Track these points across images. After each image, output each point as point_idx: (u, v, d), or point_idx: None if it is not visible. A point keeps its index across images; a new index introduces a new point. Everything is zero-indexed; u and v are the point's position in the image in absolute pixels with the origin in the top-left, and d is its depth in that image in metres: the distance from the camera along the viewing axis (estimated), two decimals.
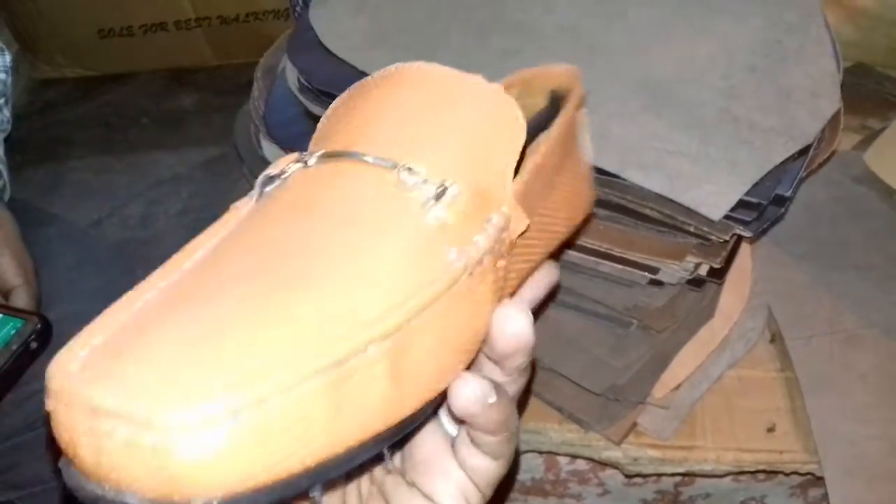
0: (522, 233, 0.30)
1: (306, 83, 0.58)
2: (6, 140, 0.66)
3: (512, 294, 0.32)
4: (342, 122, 0.30)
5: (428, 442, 0.32)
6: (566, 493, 0.64)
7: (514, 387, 0.31)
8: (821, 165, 0.59)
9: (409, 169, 0.27)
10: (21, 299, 0.54)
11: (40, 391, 0.57)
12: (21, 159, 0.71)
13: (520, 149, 0.29)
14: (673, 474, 0.58)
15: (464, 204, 0.27)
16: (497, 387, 0.29)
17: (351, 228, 0.26)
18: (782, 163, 0.46)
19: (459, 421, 0.31)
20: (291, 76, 0.61)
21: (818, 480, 0.58)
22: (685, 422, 0.57)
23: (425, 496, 0.31)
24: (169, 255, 0.27)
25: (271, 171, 0.29)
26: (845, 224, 0.66)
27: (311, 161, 0.28)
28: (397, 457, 0.34)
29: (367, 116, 0.29)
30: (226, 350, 0.22)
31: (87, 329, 0.23)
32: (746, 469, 0.57)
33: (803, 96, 0.49)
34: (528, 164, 0.31)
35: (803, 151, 0.48)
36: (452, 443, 0.32)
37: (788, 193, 0.46)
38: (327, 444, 0.22)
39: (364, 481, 0.33)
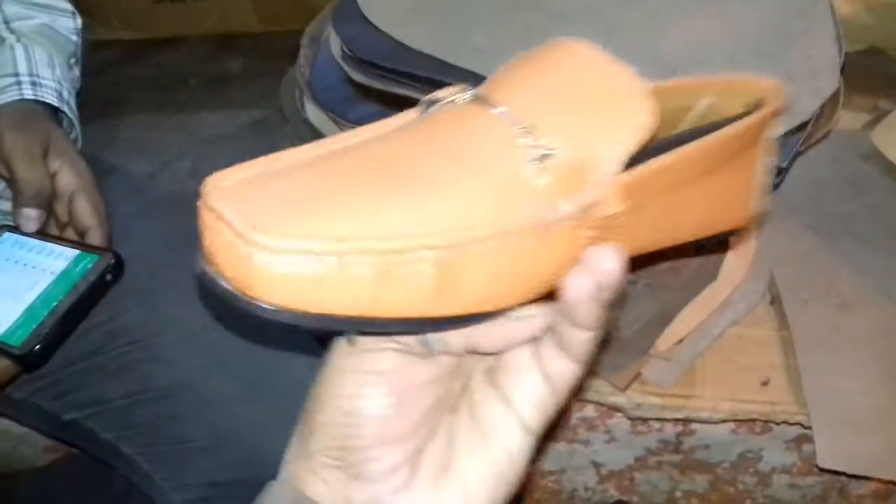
0: (616, 215, 0.33)
1: (349, 52, 0.63)
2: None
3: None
4: (505, 76, 0.35)
5: (517, 352, 0.35)
6: (575, 438, 0.69)
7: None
8: (820, 140, 0.63)
9: (527, 129, 0.31)
10: (95, 238, 0.61)
11: (104, 322, 0.63)
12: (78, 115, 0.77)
13: (635, 145, 0.33)
14: (673, 420, 0.63)
15: (561, 173, 0.31)
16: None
17: (460, 161, 0.31)
18: (781, 136, 0.51)
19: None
20: (335, 45, 0.66)
21: (811, 436, 0.62)
22: (686, 373, 0.62)
23: (503, 397, 0.35)
24: None
25: (434, 96, 0.35)
26: (849, 198, 0.70)
27: (464, 97, 0.34)
28: (489, 358, 0.36)
29: (522, 78, 0.34)
30: (320, 212, 0.29)
31: (248, 163, 0.31)
32: (740, 417, 0.62)
33: (804, 77, 0.53)
34: (656, 162, 0.34)
35: (801, 127, 0.52)
36: (536, 353, 0.35)
37: (785, 164, 0.50)
38: (365, 307, 0.29)
39: (457, 375, 0.36)
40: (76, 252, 0.60)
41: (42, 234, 0.63)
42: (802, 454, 0.66)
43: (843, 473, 0.59)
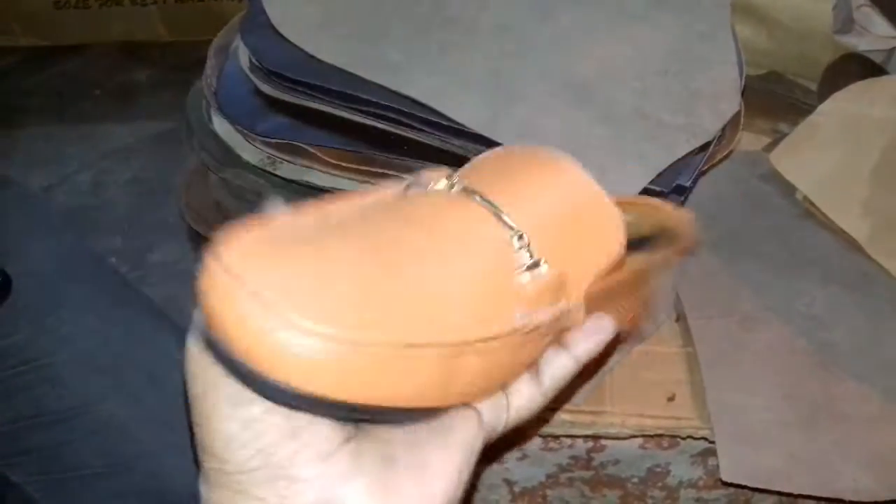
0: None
1: (257, 63, 0.62)
2: None
3: None
4: (492, 171, 0.37)
5: None
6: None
7: None
8: (722, 161, 0.64)
9: (522, 237, 0.34)
10: None
11: None
12: None
13: (609, 266, 0.36)
14: (583, 436, 0.64)
15: (545, 283, 0.34)
16: None
17: (461, 258, 0.32)
18: (685, 157, 0.52)
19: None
20: (243, 56, 0.65)
21: (715, 450, 0.64)
22: (595, 390, 0.62)
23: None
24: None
25: (420, 179, 0.35)
26: (749, 218, 0.72)
27: (456, 188, 0.35)
28: None
29: (513, 182, 0.36)
30: (337, 297, 0.28)
31: (252, 224, 0.29)
32: (647, 433, 0.63)
33: (707, 99, 0.54)
34: (610, 279, 0.38)
35: (704, 147, 0.53)
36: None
37: (688, 184, 0.52)
38: (373, 395, 0.29)
39: None
40: None
41: None
42: (708, 468, 0.67)
43: (747, 487, 0.60)
